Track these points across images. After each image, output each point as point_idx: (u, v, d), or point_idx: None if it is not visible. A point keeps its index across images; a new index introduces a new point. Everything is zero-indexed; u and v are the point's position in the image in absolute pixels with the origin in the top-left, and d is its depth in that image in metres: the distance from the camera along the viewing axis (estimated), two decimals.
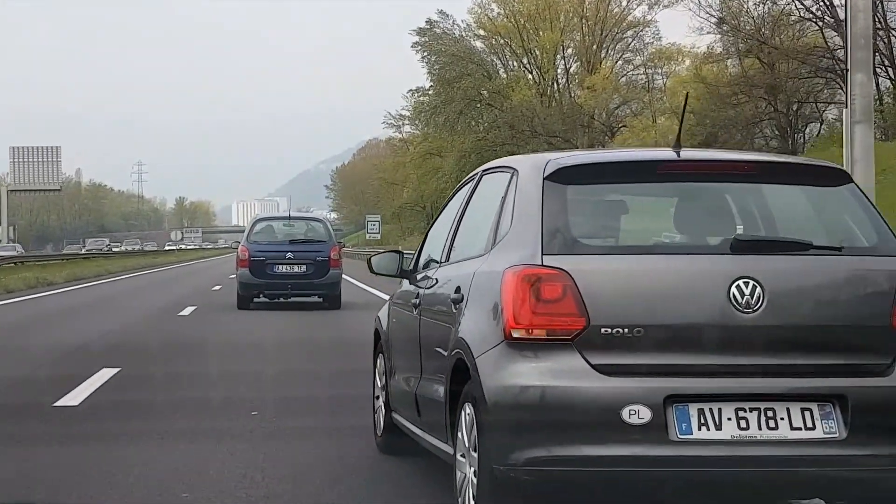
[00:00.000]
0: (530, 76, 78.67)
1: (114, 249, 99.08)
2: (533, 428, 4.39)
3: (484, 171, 5.86)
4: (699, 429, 4.34)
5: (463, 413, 4.86)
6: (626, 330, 4.39)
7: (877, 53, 40.46)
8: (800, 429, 4.38)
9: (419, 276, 6.20)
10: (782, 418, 4.39)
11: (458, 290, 5.17)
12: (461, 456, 4.93)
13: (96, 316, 20.21)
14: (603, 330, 4.39)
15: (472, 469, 4.75)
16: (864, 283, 4.65)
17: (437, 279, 5.78)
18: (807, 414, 4.40)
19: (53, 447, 7.32)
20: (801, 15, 48.52)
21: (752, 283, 4.45)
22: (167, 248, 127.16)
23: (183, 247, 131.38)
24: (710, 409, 4.36)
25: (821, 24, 47.34)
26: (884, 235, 4.76)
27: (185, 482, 6.23)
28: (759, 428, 4.36)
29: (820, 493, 4.76)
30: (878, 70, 43.25)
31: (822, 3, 46.52)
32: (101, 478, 6.40)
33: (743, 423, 4.36)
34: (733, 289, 4.44)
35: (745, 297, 4.44)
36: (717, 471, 4.34)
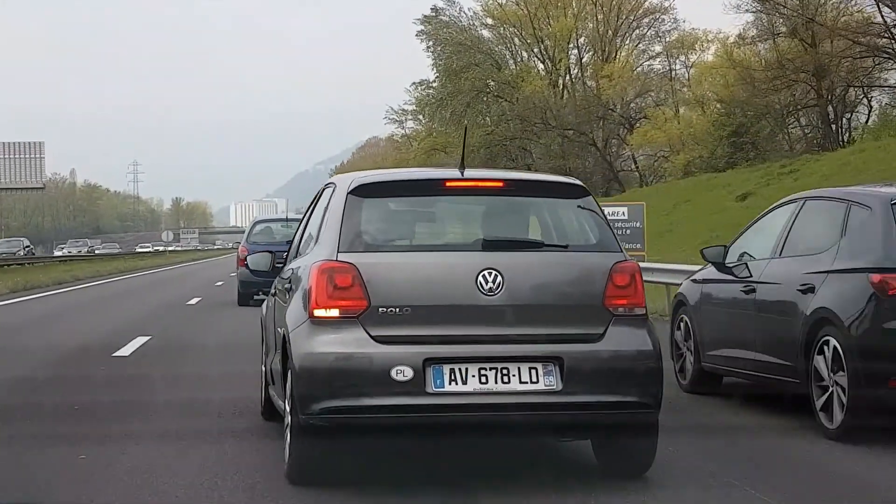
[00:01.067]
0: (541, 66, 74.38)
1: (97, 251, 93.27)
2: (326, 385, 5.73)
3: (324, 185, 7.06)
4: (449, 384, 5.71)
5: (287, 377, 6.14)
6: (397, 309, 5.79)
7: None
8: (527, 383, 5.76)
9: (283, 272, 7.40)
10: (514, 375, 5.77)
11: (289, 281, 6.75)
12: (288, 411, 6.23)
13: None
14: (380, 309, 5.79)
15: (288, 419, 6.16)
16: (583, 272, 6.07)
17: (285, 273, 7.18)
18: (533, 371, 5.78)
19: None
20: None
21: (494, 273, 5.86)
22: (138, 249, 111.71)
23: (177, 248, 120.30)
24: (459, 369, 5.74)
25: None
26: (605, 237, 6.21)
27: None
28: (496, 382, 5.74)
29: (546, 431, 6.20)
30: None
31: None
32: None
33: (483, 379, 5.74)
34: (479, 278, 5.85)
35: (489, 284, 5.85)
36: (463, 414, 5.75)
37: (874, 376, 7.17)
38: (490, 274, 5.85)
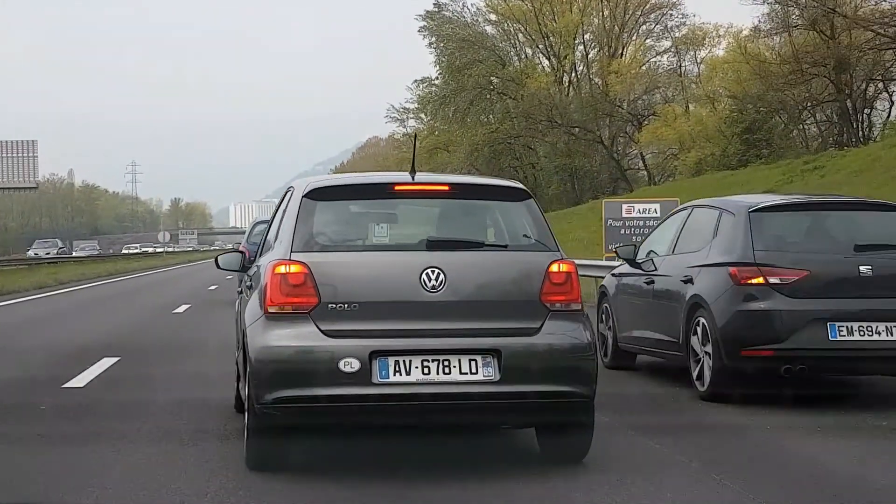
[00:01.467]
0: (546, 63, 72.59)
1: (74, 253, 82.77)
2: (279, 376, 6.02)
3: (287, 188, 7.28)
4: (394, 375, 6.00)
5: (247, 370, 6.39)
6: (345, 305, 6.10)
7: None
8: (466, 374, 6.05)
9: (249, 270, 7.54)
10: (455, 366, 6.05)
11: (251, 279, 7.07)
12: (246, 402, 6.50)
13: None
14: (330, 305, 6.09)
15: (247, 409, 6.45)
16: (521, 270, 6.36)
17: (250, 272, 7.36)
18: (472, 363, 6.07)
19: None
20: None
21: (437, 271, 6.16)
22: (125, 251, 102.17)
23: (170, 249, 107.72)
24: (403, 361, 6.02)
25: None
26: (543, 237, 6.49)
27: None
28: (438, 373, 6.03)
29: (485, 419, 6.43)
30: None
31: None
32: None
33: (426, 371, 6.02)
34: (423, 276, 6.14)
35: (432, 282, 6.14)
36: (406, 403, 6.02)
37: (730, 348, 8.79)
38: (433, 272, 6.17)
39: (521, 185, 6.82)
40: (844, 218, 9.56)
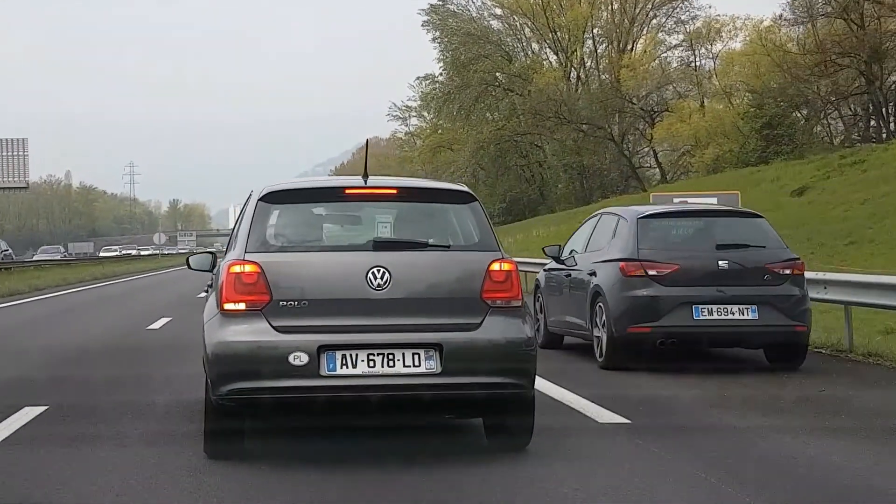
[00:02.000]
0: (553, 58, 70.20)
1: (36, 257, 73.13)
2: (233, 369, 6.32)
3: (249, 193, 7.31)
4: (341, 367, 6.31)
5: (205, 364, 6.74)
6: (296, 302, 6.40)
7: None
8: (410, 366, 6.34)
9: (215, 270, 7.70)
10: (399, 360, 6.35)
11: (212, 278, 7.39)
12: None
13: None
14: (281, 303, 6.39)
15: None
16: (463, 269, 6.67)
17: (215, 271, 7.42)
18: (416, 356, 6.36)
19: None
20: None
21: (383, 270, 6.47)
22: (102, 254, 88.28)
23: (157, 251, 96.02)
24: (350, 354, 6.33)
25: None
26: (485, 238, 6.80)
27: None
28: (383, 366, 6.33)
29: (428, 410, 6.78)
30: None
31: None
32: None
33: (371, 363, 6.33)
34: (369, 274, 6.46)
35: (378, 280, 6.46)
36: (351, 394, 6.34)
37: (619, 326, 10.85)
38: (379, 271, 6.47)
39: (466, 189, 7.16)
40: (711, 223, 11.56)
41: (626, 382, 10.10)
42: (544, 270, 13.64)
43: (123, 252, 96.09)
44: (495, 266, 6.62)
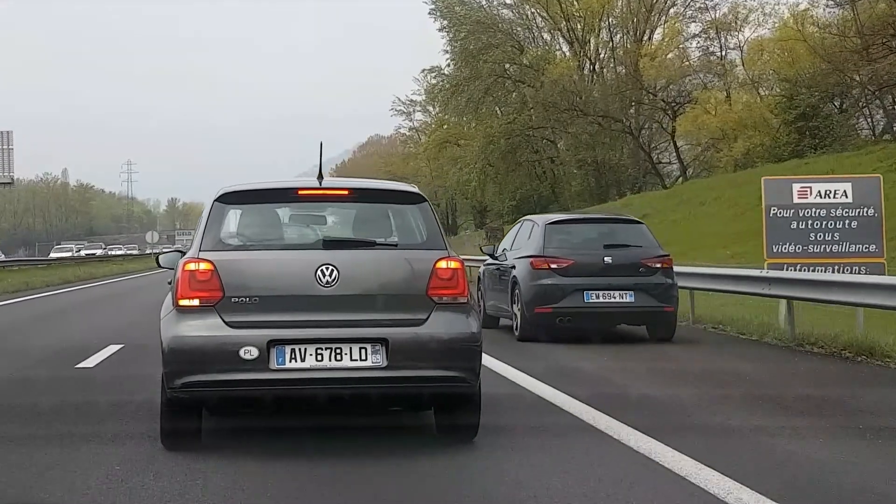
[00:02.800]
0: (567, 48, 66.68)
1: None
2: (186, 363, 6.59)
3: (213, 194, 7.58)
4: (290, 361, 6.56)
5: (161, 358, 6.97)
6: (247, 299, 6.66)
7: None
8: (357, 360, 6.61)
9: None
10: (346, 354, 6.61)
11: (173, 276, 7.23)
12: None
13: None
14: (233, 299, 6.67)
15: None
16: (411, 267, 6.90)
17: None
18: (363, 351, 6.63)
19: None
20: None
21: (331, 267, 6.74)
22: (53, 255, 72.39)
23: (131, 251, 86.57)
24: (299, 349, 6.58)
25: None
26: (432, 237, 7.09)
27: None
28: (330, 360, 6.59)
29: (376, 401, 7.03)
30: None
31: None
32: None
33: (319, 357, 6.59)
34: (318, 272, 6.72)
35: (326, 278, 6.72)
36: (300, 387, 6.59)
37: (529, 308, 13.96)
38: (327, 269, 6.74)
39: (416, 190, 7.50)
40: (602, 227, 14.92)
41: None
42: (484, 265, 16.92)
43: (87, 253, 78.98)
44: (442, 264, 6.94)
